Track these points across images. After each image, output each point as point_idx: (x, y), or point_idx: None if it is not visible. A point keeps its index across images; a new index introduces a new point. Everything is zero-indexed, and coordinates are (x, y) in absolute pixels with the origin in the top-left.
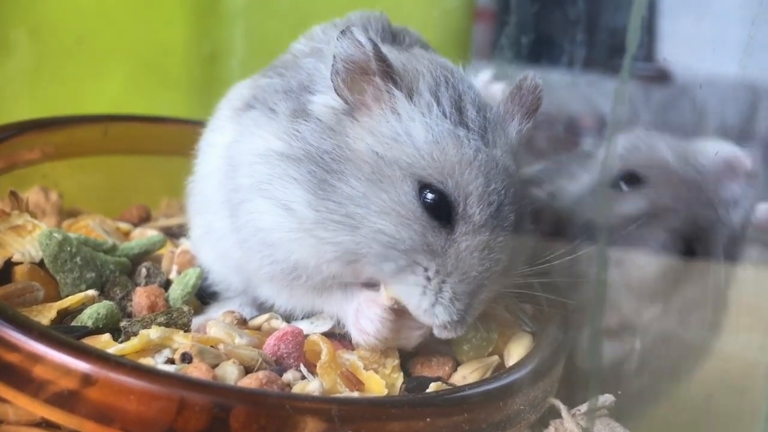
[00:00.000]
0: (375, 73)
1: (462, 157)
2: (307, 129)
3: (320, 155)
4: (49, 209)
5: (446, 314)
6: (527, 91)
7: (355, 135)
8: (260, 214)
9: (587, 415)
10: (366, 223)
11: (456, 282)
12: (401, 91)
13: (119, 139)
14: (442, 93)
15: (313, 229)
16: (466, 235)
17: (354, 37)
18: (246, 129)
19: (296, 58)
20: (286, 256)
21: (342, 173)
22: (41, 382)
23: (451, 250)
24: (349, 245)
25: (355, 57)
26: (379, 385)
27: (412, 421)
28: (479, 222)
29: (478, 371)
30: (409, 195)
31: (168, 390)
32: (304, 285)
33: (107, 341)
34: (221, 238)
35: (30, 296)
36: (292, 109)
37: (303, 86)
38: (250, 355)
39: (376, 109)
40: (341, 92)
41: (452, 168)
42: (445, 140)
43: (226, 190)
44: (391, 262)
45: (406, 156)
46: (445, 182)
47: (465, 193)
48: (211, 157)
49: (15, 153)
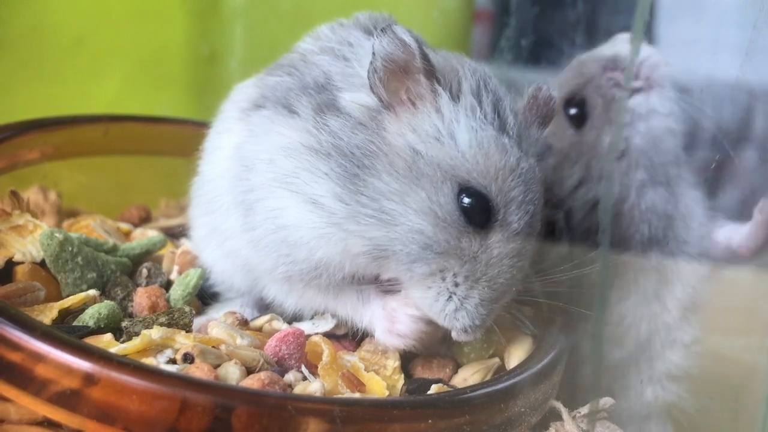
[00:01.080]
0: (420, 71)
1: (506, 163)
2: (337, 123)
3: (351, 150)
4: (48, 209)
5: (469, 319)
6: (543, 102)
7: (395, 130)
8: (282, 210)
9: (588, 417)
10: (403, 221)
11: (483, 288)
12: (445, 90)
13: (119, 140)
14: (483, 97)
15: (343, 223)
16: (501, 242)
17: (397, 35)
18: (259, 128)
19: (305, 57)
20: (309, 254)
21: (374, 168)
22: (43, 382)
23: (483, 256)
24: (382, 240)
25: (396, 55)
26: (380, 386)
27: (414, 422)
28: (516, 229)
29: (479, 373)
30: (448, 196)
31: (170, 390)
32: (321, 285)
33: (109, 341)
34: (229, 239)
35: (31, 296)
36: (316, 104)
37: (319, 84)
38: (252, 355)
39: (418, 105)
40: (377, 89)
41: (496, 173)
42: (490, 145)
43: (238, 192)
44: (424, 265)
45: (448, 157)
46: (488, 187)
47: (506, 199)
48: (218, 160)
49: (15, 153)
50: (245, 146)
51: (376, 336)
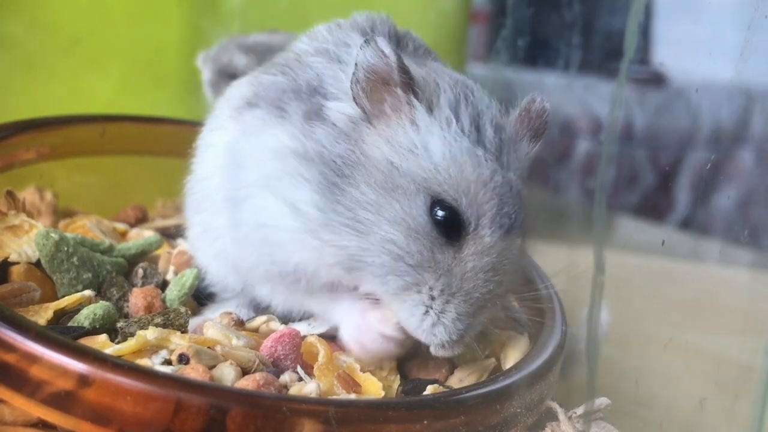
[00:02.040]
0: (397, 83)
1: (479, 176)
2: (322, 132)
3: (333, 158)
4: (44, 209)
5: (446, 334)
6: (535, 115)
7: (372, 142)
8: (264, 209)
9: (583, 417)
10: (376, 230)
11: (459, 302)
12: (422, 103)
13: (116, 140)
14: (461, 110)
15: (317, 230)
16: (474, 255)
17: (378, 47)
18: (251, 127)
19: (300, 57)
20: (287, 257)
21: (353, 178)
22: (38, 383)
23: (457, 269)
24: (354, 251)
25: (378, 67)
26: (376, 387)
27: (409, 423)
28: (489, 243)
29: (474, 374)
30: (420, 209)
31: (165, 391)
32: (302, 289)
33: (104, 342)
34: (219, 237)
35: (26, 296)
36: (305, 110)
37: (312, 87)
38: (247, 356)
39: (394, 118)
40: (360, 100)
41: (468, 186)
42: (463, 158)
43: (228, 188)
44: (397, 277)
45: (421, 169)
46: (459, 200)
47: (478, 213)
48: (211, 157)
49: (11, 153)
50: (238, 144)
51: (340, 335)
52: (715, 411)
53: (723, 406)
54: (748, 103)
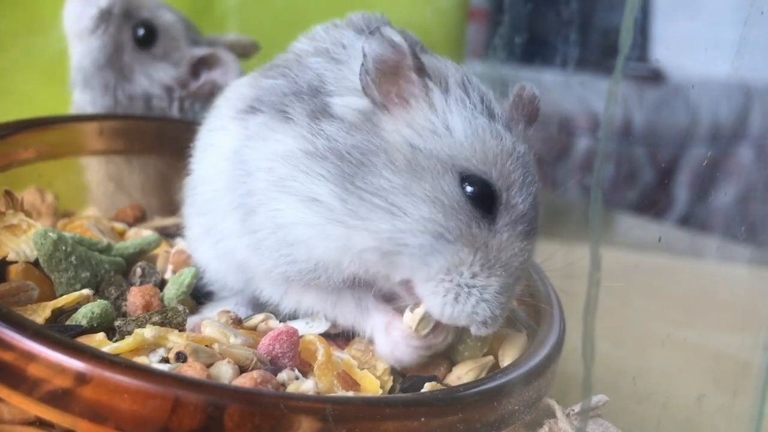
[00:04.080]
0: (411, 68)
1: (503, 148)
2: (332, 128)
3: (347, 151)
4: (45, 210)
5: (489, 310)
6: (528, 101)
7: (390, 128)
8: (281, 211)
9: (581, 415)
10: (413, 211)
11: (501, 275)
12: (437, 85)
13: (114, 139)
14: (470, 90)
15: (343, 219)
16: (509, 225)
17: (387, 37)
18: (256, 134)
19: (299, 58)
20: (308, 253)
21: (373, 166)
22: (35, 381)
23: (493, 241)
24: (392, 233)
25: (387, 56)
26: (374, 384)
27: (407, 420)
28: (522, 211)
29: (473, 371)
30: (452, 185)
31: (162, 389)
32: (319, 287)
33: (102, 340)
34: (224, 240)
35: (24, 295)
36: (310, 110)
37: (313, 87)
38: (245, 354)
39: (412, 103)
40: (369, 91)
41: (494, 159)
42: (485, 132)
43: (236, 195)
44: (440, 257)
45: (447, 147)
46: (488, 173)
47: (507, 183)
48: (213, 158)
49: (10, 152)
50: (243, 150)
51: (377, 348)
52: (714, 407)
53: (721, 403)
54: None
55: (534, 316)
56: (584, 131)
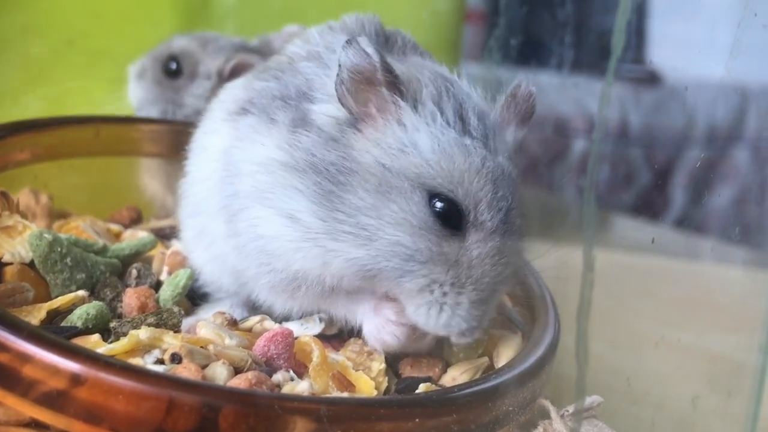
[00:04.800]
0: (381, 83)
1: (470, 165)
2: (309, 140)
3: (325, 167)
4: (39, 212)
5: (464, 322)
6: (522, 99)
7: (361, 147)
8: (261, 220)
9: (575, 415)
10: (381, 235)
11: (471, 291)
12: (406, 101)
13: (110, 141)
14: (444, 103)
15: (319, 238)
16: (479, 242)
17: (360, 47)
18: (244, 135)
19: (292, 61)
20: (286, 266)
21: (350, 184)
22: (30, 382)
23: (464, 259)
24: (365, 260)
25: (361, 67)
26: (369, 385)
27: (401, 421)
28: (491, 228)
29: (467, 372)
30: (420, 204)
31: (157, 390)
32: (303, 295)
33: (97, 341)
34: (216, 241)
35: (20, 297)
36: (292, 118)
37: (301, 92)
38: (240, 355)
39: (380, 120)
40: (345, 102)
41: (461, 176)
42: (452, 149)
43: (223, 195)
44: (412, 277)
45: (413, 166)
46: (455, 190)
47: (475, 200)
48: (205, 160)
49: (5, 154)
50: (232, 151)
51: (364, 333)
52: (708, 409)
53: (716, 404)
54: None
55: (528, 317)
56: (580, 133)
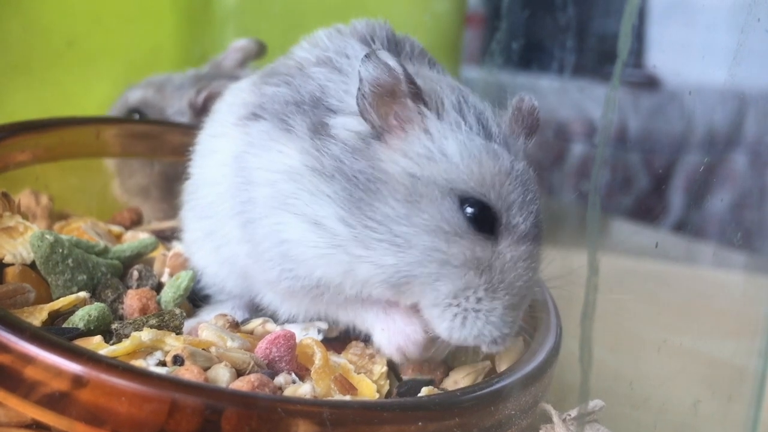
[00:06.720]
0: (406, 95)
1: (500, 168)
2: (336, 148)
3: (354, 174)
4: (40, 213)
5: (497, 330)
6: (527, 113)
7: (387, 158)
8: (284, 225)
9: (577, 420)
10: (416, 242)
11: (504, 296)
12: (431, 110)
13: (111, 142)
14: (465, 111)
15: (347, 245)
16: (511, 246)
17: (381, 60)
18: (257, 141)
19: (302, 66)
20: (309, 272)
21: (380, 193)
22: (32, 384)
23: (497, 263)
24: (400, 267)
25: (383, 80)
26: (371, 388)
27: (404, 425)
28: (523, 231)
29: (469, 376)
30: (452, 210)
31: (159, 392)
32: (324, 302)
33: (99, 343)
34: (225, 245)
35: (21, 298)
36: (310, 123)
37: (315, 98)
38: (242, 358)
39: (405, 130)
40: (368, 116)
41: (492, 180)
42: (481, 154)
43: (237, 201)
44: (447, 281)
45: (443, 173)
46: (486, 194)
47: (507, 203)
48: (214, 164)
49: (6, 155)
50: (245, 157)
51: (374, 339)
52: (709, 413)
53: (717, 408)
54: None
55: (531, 322)
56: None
